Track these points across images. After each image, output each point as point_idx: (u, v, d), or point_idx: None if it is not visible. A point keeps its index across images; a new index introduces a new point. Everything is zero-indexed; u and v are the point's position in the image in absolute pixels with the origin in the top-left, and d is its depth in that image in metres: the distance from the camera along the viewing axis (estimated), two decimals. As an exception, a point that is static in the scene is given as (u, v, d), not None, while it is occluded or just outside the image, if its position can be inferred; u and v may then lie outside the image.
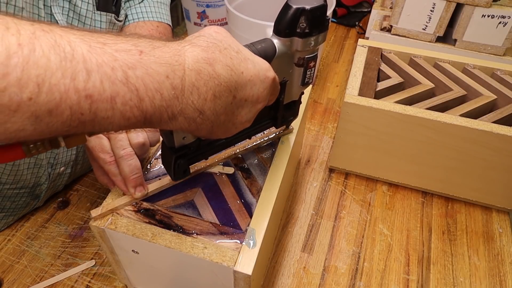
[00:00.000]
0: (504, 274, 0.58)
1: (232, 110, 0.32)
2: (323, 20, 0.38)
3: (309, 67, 0.42)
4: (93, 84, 0.23)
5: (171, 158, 0.38)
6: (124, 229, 0.41)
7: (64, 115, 0.23)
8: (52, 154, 0.56)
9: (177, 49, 0.28)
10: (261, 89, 0.33)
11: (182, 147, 0.37)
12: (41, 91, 0.21)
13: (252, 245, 0.40)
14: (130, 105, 0.25)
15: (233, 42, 0.32)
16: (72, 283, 0.54)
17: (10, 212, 0.58)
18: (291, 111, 0.49)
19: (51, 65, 0.22)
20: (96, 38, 0.25)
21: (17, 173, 0.53)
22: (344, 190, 0.69)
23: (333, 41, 1.11)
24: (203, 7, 1.00)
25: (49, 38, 0.22)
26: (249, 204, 0.45)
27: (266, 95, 0.34)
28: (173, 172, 0.39)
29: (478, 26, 0.83)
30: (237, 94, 0.31)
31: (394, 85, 0.67)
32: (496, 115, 0.61)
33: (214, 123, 0.31)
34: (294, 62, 0.41)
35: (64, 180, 0.62)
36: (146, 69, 0.26)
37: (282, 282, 0.56)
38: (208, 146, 0.42)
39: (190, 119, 0.29)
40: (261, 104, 0.34)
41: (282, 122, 0.48)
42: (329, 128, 0.82)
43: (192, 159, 0.40)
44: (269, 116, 0.46)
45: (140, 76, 0.25)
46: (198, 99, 0.29)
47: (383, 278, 0.57)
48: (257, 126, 0.46)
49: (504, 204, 0.65)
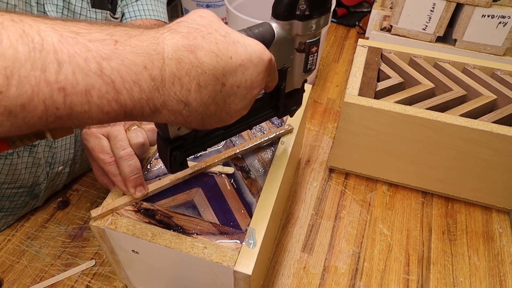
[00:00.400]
0: (504, 274, 0.58)
1: (223, 99, 0.30)
2: (324, 1, 0.36)
3: (311, 53, 0.39)
4: (65, 76, 0.22)
5: (166, 150, 0.36)
6: (124, 229, 0.41)
7: (38, 110, 0.22)
8: (50, 153, 0.56)
9: (155, 37, 0.26)
10: (255, 73, 0.30)
11: (178, 138, 0.35)
12: (10, 84, 0.20)
13: (252, 245, 0.40)
14: (107, 98, 0.24)
15: (219, 26, 0.29)
16: (72, 283, 0.54)
17: (10, 211, 0.58)
18: (294, 100, 0.46)
19: (19, 56, 0.21)
20: (69, 27, 0.24)
21: (15, 172, 0.52)
22: (344, 190, 0.69)
23: (333, 41, 1.11)
24: (203, 7, 1.01)
25: (17, 28, 0.21)
26: (249, 204, 0.45)
27: (261, 79, 0.31)
28: (169, 164, 0.37)
29: (478, 26, 0.83)
30: (227, 81, 0.29)
31: (394, 85, 0.67)
32: (496, 115, 0.61)
33: (204, 114, 0.29)
34: (295, 47, 0.38)
35: (63, 179, 0.62)
36: (122, 59, 0.24)
37: (282, 282, 0.56)
38: (205, 137, 0.40)
39: (175, 111, 0.28)
40: (257, 89, 0.32)
41: (284, 111, 0.45)
42: (329, 128, 0.82)
43: (189, 150, 0.38)
44: (270, 105, 0.44)
45: (116, 68, 0.24)
46: (181, 90, 0.27)
47: (383, 278, 0.57)
48: (258, 116, 0.43)
49: (504, 204, 0.65)
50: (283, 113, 0.45)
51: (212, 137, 0.40)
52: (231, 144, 0.52)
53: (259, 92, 0.33)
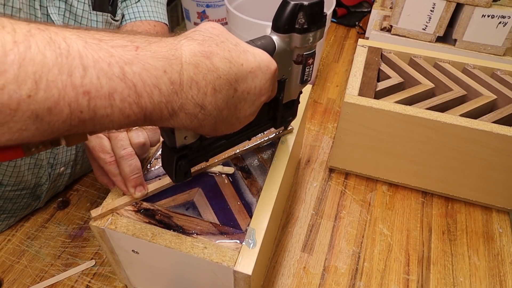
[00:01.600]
0: (504, 274, 0.58)
1: (234, 104, 0.31)
2: (321, 16, 0.38)
3: (307, 64, 0.42)
4: (90, 80, 0.23)
5: (173, 159, 0.37)
6: (124, 229, 0.41)
7: (64, 113, 0.23)
8: (52, 154, 0.56)
9: (173, 43, 0.28)
10: (263, 80, 0.33)
11: (183, 147, 0.37)
12: (39, 88, 0.21)
13: (252, 245, 0.40)
14: (129, 101, 0.25)
15: (230, 36, 0.31)
16: (72, 283, 0.54)
17: (12, 213, 0.58)
18: (290, 111, 0.49)
19: (47, 62, 0.22)
20: (92, 34, 0.25)
21: (18, 174, 0.53)
22: (344, 190, 0.69)
23: (333, 41, 1.11)
24: (203, 7, 1.01)
25: (44, 35, 0.22)
26: (249, 204, 0.45)
27: (269, 87, 0.34)
28: (174, 173, 0.39)
29: (478, 26, 0.83)
30: (238, 87, 0.31)
31: (394, 85, 0.67)
32: (496, 115, 0.61)
33: (217, 118, 0.31)
34: (293, 59, 0.41)
35: (64, 180, 0.62)
36: (143, 64, 0.25)
37: (282, 282, 0.56)
38: (209, 146, 0.41)
39: (192, 115, 0.29)
40: (265, 96, 0.34)
41: (281, 122, 0.48)
42: (329, 128, 0.82)
43: (193, 160, 0.40)
44: (268, 116, 0.46)
45: (137, 72, 0.25)
46: (198, 94, 0.28)
47: (383, 278, 0.57)
48: (257, 127, 0.46)
49: (504, 204, 0.65)
50: (280, 124, 0.48)
51: (215, 147, 0.42)
52: (231, 144, 0.52)
53: (266, 99, 0.35)
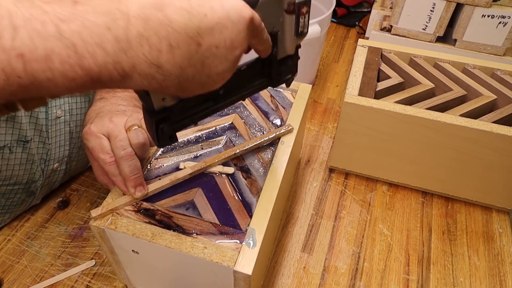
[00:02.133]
0: (504, 274, 0.58)
1: (200, 61, 0.27)
2: None
3: (301, 14, 0.36)
4: (21, 41, 0.21)
5: (152, 122, 0.34)
6: (124, 229, 0.41)
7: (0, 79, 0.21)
8: (44, 150, 0.55)
9: None
10: (235, 32, 0.28)
11: (164, 109, 0.34)
12: None
13: (252, 245, 0.40)
14: (70, 63, 0.23)
15: None
16: (72, 283, 0.54)
17: (6, 209, 0.58)
18: (288, 68, 0.42)
19: None
20: None
21: (8, 168, 0.52)
22: (344, 190, 0.69)
23: (333, 41, 1.11)
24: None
25: None
26: (249, 204, 0.45)
27: (243, 39, 0.29)
28: (156, 137, 0.35)
29: (478, 26, 0.83)
30: (203, 41, 0.26)
31: (394, 85, 0.67)
32: (496, 115, 0.61)
33: (181, 77, 0.27)
34: (284, 8, 0.36)
35: (59, 177, 0.62)
36: (82, 21, 0.23)
37: (282, 282, 0.56)
38: (194, 108, 0.37)
39: (148, 75, 0.26)
40: (239, 49, 0.29)
41: (278, 80, 0.43)
42: (329, 128, 0.82)
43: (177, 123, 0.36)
44: (263, 74, 0.41)
45: (76, 30, 0.22)
46: (151, 51, 0.25)
47: (383, 278, 0.57)
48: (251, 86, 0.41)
49: (504, 204, 0.65)
50: (277, 82, 0.42)
51: (202, 109, 0.38)
52: (231, 144, 0.52)
53: (242, 53, 0.31)
